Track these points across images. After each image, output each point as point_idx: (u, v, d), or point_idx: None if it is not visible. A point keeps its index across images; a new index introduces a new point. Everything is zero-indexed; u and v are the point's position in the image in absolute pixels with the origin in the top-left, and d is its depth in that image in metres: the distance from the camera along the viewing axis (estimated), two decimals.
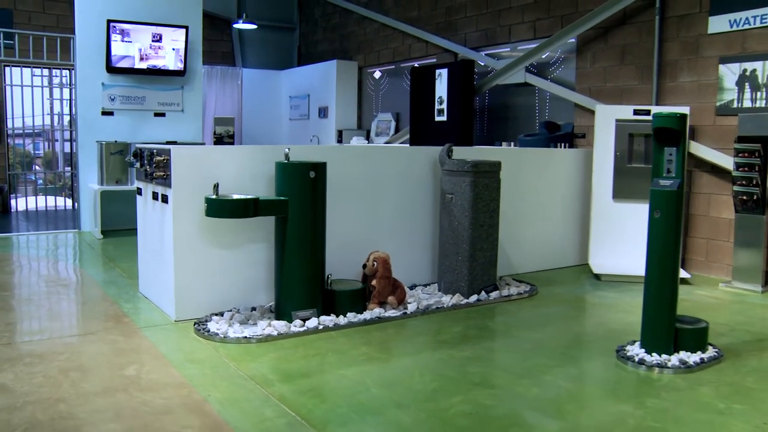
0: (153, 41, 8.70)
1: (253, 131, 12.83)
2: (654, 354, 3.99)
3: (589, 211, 6.92)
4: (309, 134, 12.00)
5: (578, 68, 7.98)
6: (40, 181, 13.10)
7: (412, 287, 5.64)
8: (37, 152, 13.12)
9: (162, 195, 4.88)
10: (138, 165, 5.27)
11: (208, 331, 4.43)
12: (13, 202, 11.09)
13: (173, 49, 8.87)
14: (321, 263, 4.74)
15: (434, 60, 9.97)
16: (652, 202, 4.03)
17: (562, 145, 7.66)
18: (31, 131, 11.76)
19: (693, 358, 3.99)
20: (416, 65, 10.01)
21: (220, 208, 4.46)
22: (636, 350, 4.09)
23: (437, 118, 8.96)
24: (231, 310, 4.79)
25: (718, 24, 6.61)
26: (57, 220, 9.96)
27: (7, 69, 10.71)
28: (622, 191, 6.73)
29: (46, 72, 11.37)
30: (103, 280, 6.09)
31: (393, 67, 10.94)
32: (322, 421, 3.09)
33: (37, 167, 13.11)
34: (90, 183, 8.62)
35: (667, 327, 3.99)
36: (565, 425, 3.11)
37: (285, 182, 4.60)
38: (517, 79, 8.49)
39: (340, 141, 11.13)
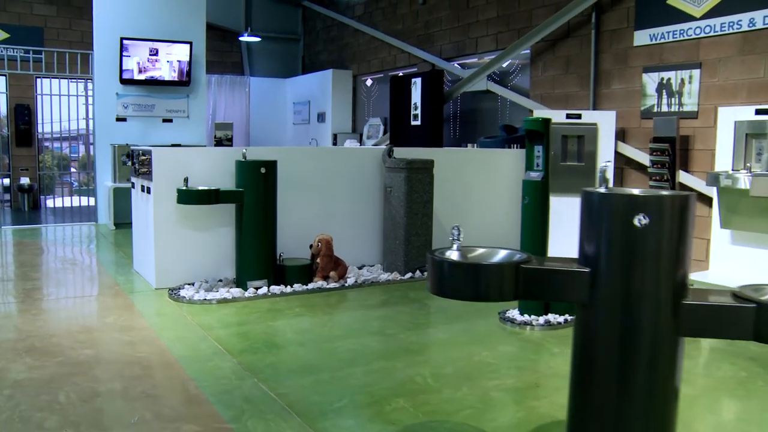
0: (150, 55, 9.87)
1: (260, 135, 13.99)
2: (525, 315, 4.96)
3: None
4: (309, 137, 13.10)
5: (532, 77, 8.94)
6: (75, 183, 14.36)
7: (360, 267, 6.66)
8: (73, 155, 14.37)
9: (146, 187, 6.00)
10: (130, 163, 6.40)
11: (179, 295, 5.52)
12: (48, 200, 12.39)
13: (168, 62, 10.02)
14: (272, 242, 5.81)
15: (416, 69, 10.99)
16: (524, 190, 4.99)
17: (516, 146, 8.59)
18: (68, 135, 13.00)
19: (558, 318, 4.95)
20: (399, 74, 11.03)
21: (188, 196, 5.56)
22: (514, 313, 5.05)
23: (413, 123, 9.98)
24: (201, 281, 5.88)
25: (642, 38, 7.52)
26: (80, 215, 11.21)
27: (38, 80, 12.01)
28: (556, 187, 7.59)
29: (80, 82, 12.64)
30: (107, 260, 7.26)
31: (382, 75, 11.98)
32: (239, 351, 4.15)
33: (73, 169, 14.36)
34: (105, 181, 9.81)
35: None
36: (420, 358, 4.13)
37: (242, 176, 5.68)
38: (479, 87, 9.47)
39: (335, 143, 12.20)
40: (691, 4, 7.01)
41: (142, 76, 9.89)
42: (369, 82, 12.43)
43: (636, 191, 2.19)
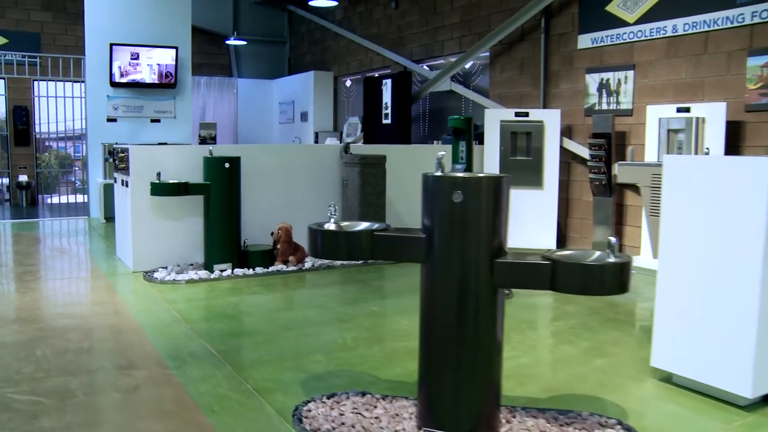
0: (131, 59, 10.56)
1: (248, 134, 14.69)
2: None
3: None
4: (293, 136, 13.78)
5: (491, 77, 9.60)
6: (78, 182, 15.04)
7: None
8: (77, 155, 15.06)
9: (125, 181, 6.69)
10: (111, 160, 7.09)
11: (153, 277, 6.21)
12: (50, 198, 13.12)
13: (148, 65, 10.70)
14: (237, 230, 6.49)
15: (389, 70, 11.65)
16: None
17: (475, 142, 9.24)
18: (64, 135, 13.70)
19: None
20: (375, 75, 11.69)
21: (160, 189, 6.25)
22: None
23: (384, 121, 10.65)
24: (173, 265, 6.57)
25: (585, 41, 8.17)
26: (75, 210, 11.92)
27: (35, 83, 12.73)
28: None
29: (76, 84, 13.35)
30: (93, 249, 7.96)
31: (360, 76, 12.65)
32: (194, 320, 4.84)
33: (77, 168, 15.05)
34: (97, 178, 10.51)
35: None
36: (347, 326, 4.80)
37: (208, 171, 6.37)
38: (444, 88, 10.13)
39: (316, 141, 12.88)
40: (626, 11, 7.66)
41: (123, 80, 10.57)
42: (348, 83, 13.11)
43: (459, 174, 2.84)
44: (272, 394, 3.44)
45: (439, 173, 2.85)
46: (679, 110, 6.91)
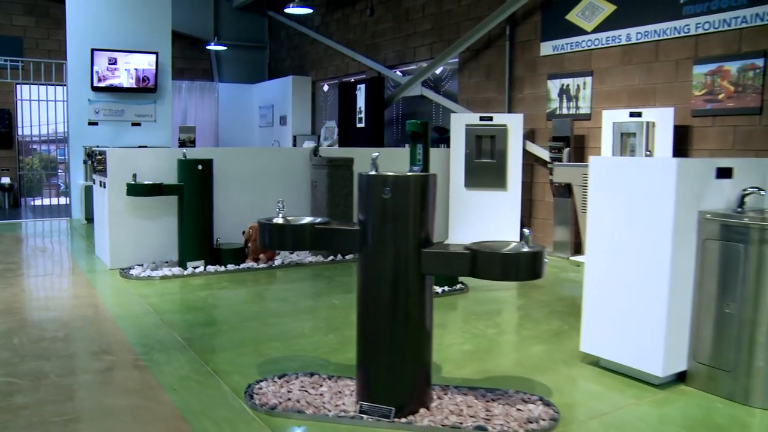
0: (109, 64, 10.85)
1: (229, 137, 15.00)
2: None
3: (448, 197, 8.85)
4: (273, 139, 14.10)
5: (460, 83, 9.96)
6: (62, 185, 15.26)
7: (292, 252, 7.65)
8: (61, 158, 15.29)
9: (103, 182, 6.99)
10: (90, 162, 7.39)
11: (129, 273, 6.52)
12: (33, 201, 13.36)
13: (126, 70, 10.99)
14: (209, 229, 6.80)
15: (365, 75, 12.00)
16: None
17: (443, 145, 9.61)
18: (47, 138, 13.94)
19: (437, 289, 5.94)
20: (351, 80, 12.04)
21: (135, 189, 6.55)
22: None
23: (358, 125, 10.99)
24: (149, 262, 6.87)
25: (547, 48, 8.55)
26: (57, 211, 12.18)
27: (18, 86, 12.99)
28: (471, 181, 8.66)
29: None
30: (73, 248, 8.25)
31: (336, 81, 12.99)
32: (164, 312, 5.15)
33: (61, 171, 15.28)
34: (78, 180, 10.78)
35: None
36: (307, 317, 5.13)
37: (182, 173, 6.68)
38: (415, 92, 10.49)
39: (295, 145, 13.20)
40: (584, 20, 8.04)
41: (101, 84, 10.85)
42: (326, 88, 13.45)
43: (390, 173, 3.18)
44: (230, 375, 3.77)
45: (372, 172, 3.18)
46: (631, 115, 7.29)
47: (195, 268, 6.66)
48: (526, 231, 3.09)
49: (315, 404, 3.31)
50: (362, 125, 10.87)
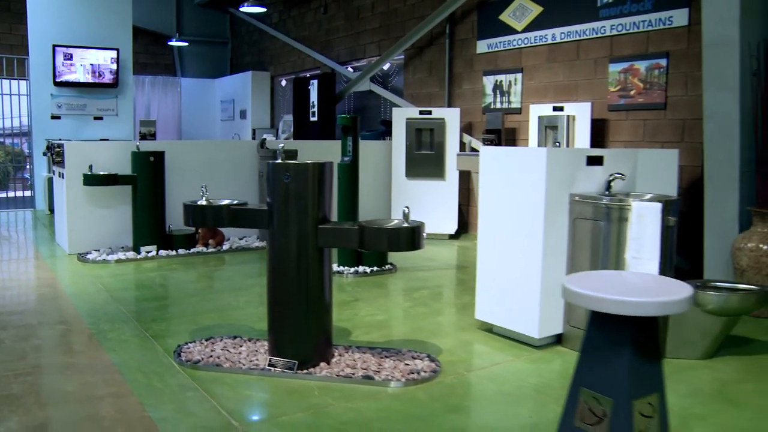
0: (65, 59, 11.27)
1: (191, 130, 15.45)
2: (342, 266, 6.53)
3: (390, 187, 9.43)
4: (233, 132, 14.58)
5: (405, 78, 10.54)
6: (30, 177, 15.57)
7: (241, 238, 8.20)
8: (28, 151, 15.59)
9: (62, 173, 7.48)
10: (49, 155, 7.86)
11: (85, 258, 7.03)
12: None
13: (81, 65, 11.42)
14: (161, 216, 7.32)
15: (319, 71, 12.53)
16: (339, 172, 6.53)
17: (388, 138, 10.18)
18: (11, 132, 14.25)
19: (366, 269, 6.53)
20: (307, 75, 12.57)
21: (91, 179, 7.05)
22: (334, 266, 6.62)
23: (311, 119, 11.53)
24: (106, 247, 7.38)
25: (482, 47, 9.16)
26: (22, 203, 12.59)
27: None
28: (412, 171, 9.24)
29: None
30: (35, 236, 8.72)
31: (294, 76, 13.51)
32: (115, 290, 5.69)
33: (29, 165, 15.59)
34: (41, 172, 11.21)
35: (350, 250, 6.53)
36: (244, 293, 5.69)
37: (135, 164, 7.19)
38: (364, 88, 11.05)
39: (254, 138, 13.68)
40: (515, 20, 8.65)
41: (58, 79, 11.26)
42: (284, 83, 13.96)
43: (290, 162, 3.75)
44: (164, 339, 4.33)
45: (278, 161, 3.76)
46: (554, 109, 7.91)
47: (148, 252, 7.18)
48: (406, 209, 3.68)
49: (232, 360, 3.88)
50: (315, 119, 11.41)
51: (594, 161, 4.46)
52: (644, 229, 4.00)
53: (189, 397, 3.42)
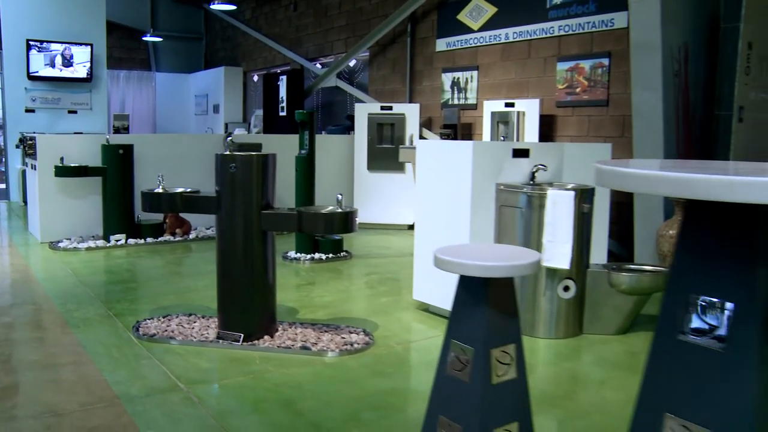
0: (38, 52, 11.56)
1: (166, 125, 15.77)
2: (299, 253, 6.95)
3: (353, 179, 9.84)
4: (207, 126, 14.93)
5: (370, 75, 10.95)
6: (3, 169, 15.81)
7: (208, 228, 8.58)
8: (3, 144, 15.83)
9: (34, 165, 7.81)
10: (22, 147, 8.20)
11: (57, 246, 7.38)
12: None
13: (54, 60, 11.71)
14: (130, 206, 7.69)
15: (289, 67, 12.91)
16: (296, 165, 6.93)
17: (352, 132, 10.57)
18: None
19: (323, 256, 6.94)
20: (278, 71, 12.94)
21: (63, 171, 7.41)
22: (291, 253, 7.03)
23: (281, 114, 11.91)
24: (77, 236, 7.73)
25: (441, 45, 9.58)
26: None
27: None
28: (373, 164, 9.65)
29: None
30: (9, 226, 9.05)
31: (265, 72, 13.87)
32: (83, 275, 6.06)
33: (3, 158, 15.82)
34: (16, 165, 11.51)
35: (307, 238, 6.94)
36: (205, 277, 6.08)
37: (105, 156, 7.55)
38: (330, 84, 11.45)
39: (226, 132, 14.04)
40: (472, 20, 9.08)
41: (32, 74, 11.55)
42: (255, 78, 14.32)
43: (236, 153, 4.15)
44: (125, 317, 4.72)
45: (226, 152, 4.16)
46: (506, 105, 8.36)
47: (117, 241, 7.55)
48: (339, 196, 4.10)
49: (185, 333, 4.29)
50: (284, 114, 11.79)
51: (520, 153, 4.89)
52: (558, 215, 4.45)
53: (143, 364, 3.82)
